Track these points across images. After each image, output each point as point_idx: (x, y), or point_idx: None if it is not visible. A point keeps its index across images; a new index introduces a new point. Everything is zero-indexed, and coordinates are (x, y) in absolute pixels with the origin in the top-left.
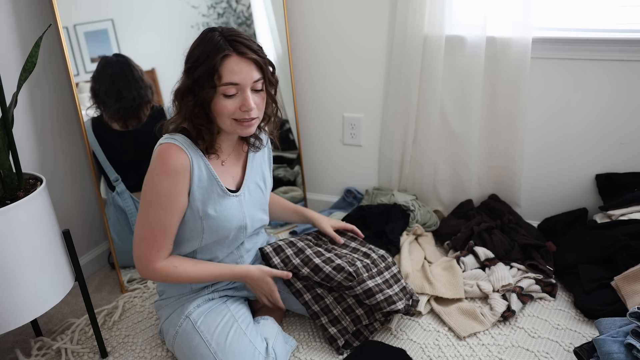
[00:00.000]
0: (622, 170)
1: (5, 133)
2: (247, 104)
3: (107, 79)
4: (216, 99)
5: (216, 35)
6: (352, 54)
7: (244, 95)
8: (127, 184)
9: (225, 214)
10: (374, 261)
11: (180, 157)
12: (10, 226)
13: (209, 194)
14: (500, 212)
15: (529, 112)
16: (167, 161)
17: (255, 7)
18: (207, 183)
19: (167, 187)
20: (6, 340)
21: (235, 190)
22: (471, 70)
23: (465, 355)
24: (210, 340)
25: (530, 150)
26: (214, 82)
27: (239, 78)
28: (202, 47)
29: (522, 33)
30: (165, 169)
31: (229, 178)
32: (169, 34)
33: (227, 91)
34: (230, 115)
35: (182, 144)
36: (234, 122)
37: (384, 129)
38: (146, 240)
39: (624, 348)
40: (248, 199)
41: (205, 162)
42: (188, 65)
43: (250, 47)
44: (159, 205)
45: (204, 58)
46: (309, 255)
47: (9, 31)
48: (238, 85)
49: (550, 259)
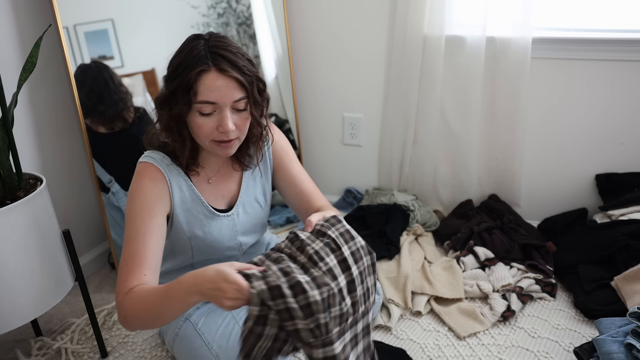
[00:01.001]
0: (622, 170)
1: (5, 133)
2: (223, 124)
3: (87, 84)
4: (192, 116)
5: (200, 45)
6: (352, 54)
7: (222, 115)
8: (121, 184)
9: (215, 236)
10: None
11: (156, 178)
12: (10, 226)
13: (194, 215)
14: (500, 212)
15: (529, 112)
16: (141, 180)
17: (255, 8)
18: (190, 204)
19: (140, 207)
20: (6, 340)
21: (226, 210)
22: (471, 71)
23: (465, 355)
24: (212, 343)
25: (530, 150)
26: (189, 97)
27: (216, 96)
28: (183, 55)
29: (522, 33)
30: (138, 187)
31: (218, 197)
32: (169, 34)
33: (202, 109)
34: (207, 136)
35: (159, 163)
36: (212, 143)
37: (383, 129)
38: (122, 264)
39: (623, 348)
40: (242, 218)
41: (186, 182)
42: (167, 74)
43: (233, 62)
44: (131, 225)
45: (182, 69)
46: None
47: (9, 31)
48: (215, 104)
49: (550, 259)
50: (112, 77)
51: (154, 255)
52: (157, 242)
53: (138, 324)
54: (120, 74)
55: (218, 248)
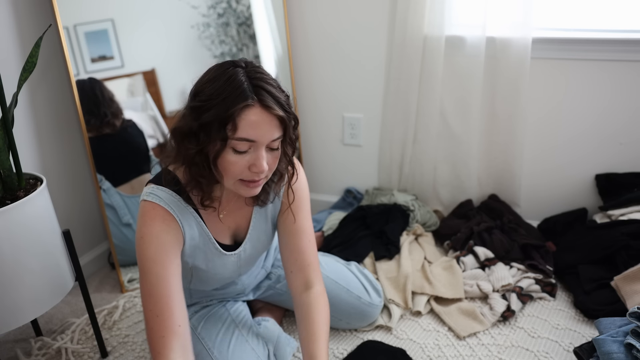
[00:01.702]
0: (622, 170)
1: (6, 133)
2: (258, 164)
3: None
4: (223, 153)
5: (239, 74)
6: (352, 54)
7: (257, 154)
8: (110, 181)
9: (218, 270)
10: None
11: (167, 220)
12: (10, 226)
13: (201, 251)
14: (500, 212)
15: (529, 112)
16: (153, 224)
17: (255, 8)
18: (200, 241)
19: (157, 253)
20: (6, 340)
21: (232, 246)
22: (471, 71)
23: (465, 355)
24: (212, 348)
25: (530, 150)
26: (225, 132)
27: (257, 134)
28: (220, 84)
29: (522, 33)
30: (151, 232)
31: (224, 230)
32: (169, 34)
33: (238, 147)
34: (237, 175)
35: (167, 204)
36: (238, 182)
37: (383, 129)
38: (148, 322)
39: (623, 348)
40: (249, 253)
41: (196, 219)
42: (197, 103)
43: (277, 99)
44: (151, 274)
45: (219, 100)
46: None
47: (9, 31)
48: (254, 142)
49: (550, 259)
50: (103, 92)
51: (180, 300)
52: (179, 283)
53: None
54: (120, 74)
55: (218, 280)
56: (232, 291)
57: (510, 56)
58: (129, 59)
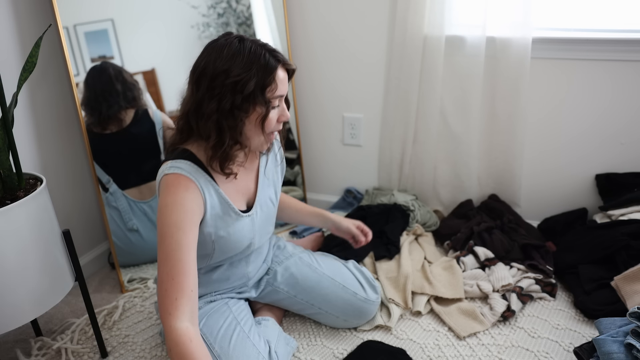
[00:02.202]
0: (622, 170)
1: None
2: (286, 114)
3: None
4: (269, 114)
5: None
6: (352, 54)
7: (282, 106)
8: (118, 183)
9: (238, 236)
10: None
11: (190, 188)
12: (10, 226)
13: (222, 219)
14: (500, 212)
15: (529, 112)
16: (176, 191)
17: (255, 8)
18: (219, 209)
19: (181, 219)
20: (6, 340)
21: (246, 209)
22: (471, 71)
23: (465, 355)
24: (214, 344)
25: (530, 150)
26: (265, 95)
27: (284, 89)
28: (246, 58)
29: (522, 33)
30: (174, 199)
31: (239, 195)
32: (169, 34)
33: (275, 103)
34: (273, 130)
35: (189, 172)
36: (265, 136)
37: (383, 129)
38: (163, 284)
39: (623, 348)
40: (260, 216)
41: (215, 188)
42: (233, 79)
43: (285, 57)
44: (171, 238)
45: (254, 71)
46: None
47: (9, 31)
48: (282, 96)
49: (550, 259)
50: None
51: (195, 268)
52: (195, 252)
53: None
54: None
55: (238, 247)
56: (241, 275)
57: (510, 56)
58: (129, 59)
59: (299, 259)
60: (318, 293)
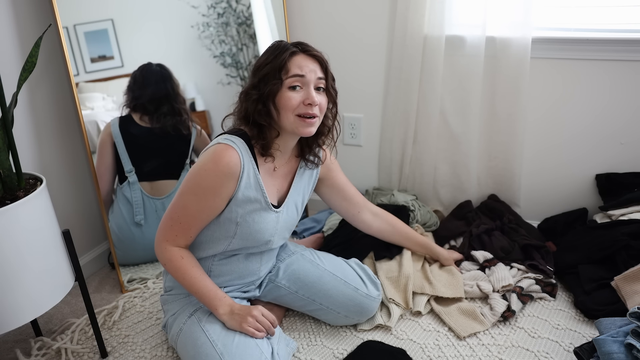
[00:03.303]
0: (622, 170)
1: (5, 133)
2: (310, 97)
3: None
4: (281, 92)
5: (282, 42)
6: (352, 54)
7: (308, 90)
8: (139, 176)
9: (261, 226)
10: None
11: (233, 162)
12: (10, 226)
13: (252, 203)
14: (500, 212)
15: (529, 112)
16: (220, 161)
17: (255, 7)
18: (253, 191)
19: (210, 184)
20: (6, 340)
21: (276, 206)
22: (471, 70)
23: (465, 355)
24: (217, 341)
25: (530, 150)
26: (280, 76)
27: (305, 71)
28: (270, 51)
29: (521, 33)
30: (216, 167)
31: (273, 190)
32: (169, 34)
33: (292, 83)
34: (294, 109)
35: (239, 148)
36: (296, 119)
37: (384, 129)
38: (170, 220)
39: (624, 348)
40: (284, 217)
41: (254, 170)
42: (255, 67)
43: (314, 49)
44: (195, 195)
45: (271, 58)
46: None
47: (9, 31)
48: (303, 77)
49: (550, 259)
50: (174, 88)
51: (202, 225)
52: (208, 218)
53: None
54: (120, 73)
55: (258, 239)
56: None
57: (510, 56)
58: (129, 59)
59: (300, 255)
60: (319, 288)
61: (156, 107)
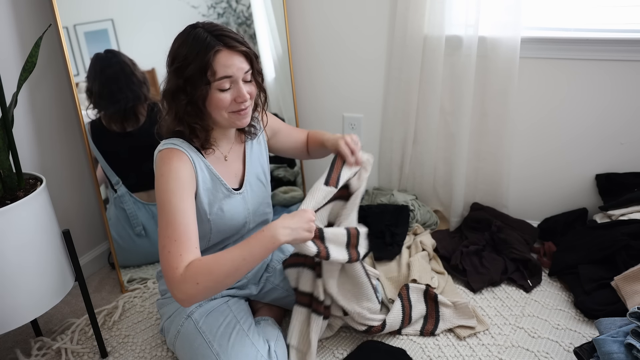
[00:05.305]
0: (622, 170)
1: (5, 133)
2: (242, 94)
3: (99, 78)
4: (211, 95)
5: (201, 32)
6: (352, 54)
7: (238, 87)
8: (127, 184)
9: (232, 213)
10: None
11: (183, 159)
12: (10, 226)
13: (214, 195)
14: (486, 221)
15: (528, 113)
16: (170, 162)
17: (255, 7)
18: (211, 184)
19: (176, 186)
20: (6, 340)
21: (238, 188)
22: (465, 70)
23: (465, 355)
24: (213, 341)
25: (530, 150)
26: (207, 78)
27: (232, 71)
28: (189, 45)
29: (511, 33)
30: (169, 168)
31: (231, 176)
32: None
33: (222, 85)
34: (226, 108)
35: (181, 147)
36: (231, 115)
37: (384, 129)
38: (165, 248)
39: (624, 348)
40: (251, 195)
41: (205, 164)
42: (176, 65)
43: (237, 39)
44: (170, 204)
45: (193, 56)
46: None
47: (9, 31)
48: (231, 77)
49: (537, 271)
50: (124, 68)
51: (196, 231)
52: (195, 219)
53: (202, 291)
54: None
55: (233, 226)
56: None
57: (500, 55)
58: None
59: None
60: None
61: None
